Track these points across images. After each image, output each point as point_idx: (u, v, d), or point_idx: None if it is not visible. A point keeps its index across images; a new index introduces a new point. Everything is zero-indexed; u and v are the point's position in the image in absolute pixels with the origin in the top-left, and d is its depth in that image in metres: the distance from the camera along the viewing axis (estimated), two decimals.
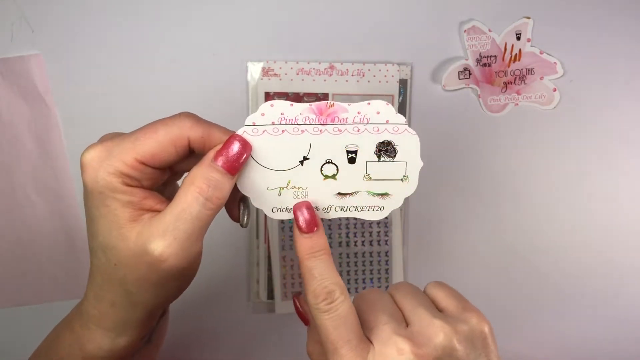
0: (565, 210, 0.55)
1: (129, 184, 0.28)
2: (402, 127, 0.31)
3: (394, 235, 0.53)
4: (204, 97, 0.49)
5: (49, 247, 0.50)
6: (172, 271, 0.28)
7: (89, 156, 0.28)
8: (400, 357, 0.28)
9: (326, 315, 0.29)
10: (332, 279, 0.29)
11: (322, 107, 0.30)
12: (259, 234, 0.52)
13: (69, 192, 0.50)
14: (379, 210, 0.33)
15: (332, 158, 0.31)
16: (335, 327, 0.28)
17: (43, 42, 0.48)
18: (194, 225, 0.28)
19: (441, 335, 0.28)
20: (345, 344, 0.28)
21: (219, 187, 0.28)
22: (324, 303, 0.29)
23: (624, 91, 0.53)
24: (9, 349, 0.52)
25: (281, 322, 0.54)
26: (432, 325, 0.29)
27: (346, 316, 0.29)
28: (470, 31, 0.51)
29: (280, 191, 0.31)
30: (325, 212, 0.32)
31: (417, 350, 0.28)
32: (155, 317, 0.33)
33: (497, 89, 0.52)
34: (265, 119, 0.30)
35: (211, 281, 0.53)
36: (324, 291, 0.29)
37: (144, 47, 0.49)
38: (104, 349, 0.31)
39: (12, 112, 0.48)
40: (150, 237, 0.28)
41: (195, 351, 0.54)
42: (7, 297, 0.51)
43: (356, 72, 0.50)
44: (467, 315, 0.30)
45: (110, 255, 0.29)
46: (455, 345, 0.28)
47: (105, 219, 0.28)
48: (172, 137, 0.28)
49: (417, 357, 0.27)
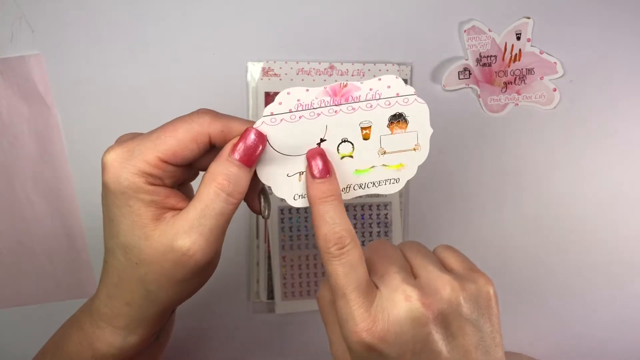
0: (565, 210, 0.55)
1: (153, 183, 0.29)
2: (412, 98, 0.32)
3: (394, 235, 0.53)
4: (204, 97, 0.49)
5: (49, 247, 0.50)
6: (198, 267, 0.29)
7: (111, 157, 0.28)
8: (406, 303, 0.28)
9: (336, 260, 0.29)
10: (343, 224, 0.30)
11: (336, 88, 0.31)
12: (259, 234, 0.52)
13: (69, 192, 0.50)
14: (395, 182, 0.33)
15: (348, 136, 0.32)
16: (346, 273, 0.29)
17: (43, 42, 0.48)
18: (217, 220, 0.29)
19: (448, 288, 0.29)
20: (355, 289, 0.29)
21: (239, 181, 0.29)
22: (335, 248, 0.29)
23: (624, 91, 0.53)
24: (9, 349, 0.52)
25: (281, 322, 0.54)
26: (441, 279, 0.29)
27: (356, 262, 0.29)
28: (470, 31, 0.51)
29: (300, 176, 0.32)
30: (345, 193, 0.33)
31: (424, 299, 0.28)
32: (167, 315, 0.33)
33: (497, 89, 0.52)
34: (282, 107, 0.30)
35: (211, 281, 0.52)
36: (335, 236, 0.29)
37: (144, 47, 0.49)
38: (115, 346, 0.31)
39: (12, 112, 0.48)
40: (176, 234, 0.28)
41: (195, 351, 0.54)
42: (7, 297, 0.51)
43: (356, 72, 0.50)
44: (474, 275, 0.31)
45: (131, 255, 0.29)
46: (461, 301, 0.29)
47: (128, 218, 0.29)
48: (192, 134, 0.29)
49: (423, 305, 0.28)
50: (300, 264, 0.53)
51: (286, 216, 0.52)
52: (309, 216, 0.52)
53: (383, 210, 0.53)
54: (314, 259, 0.53)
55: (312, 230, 0.52)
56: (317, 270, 0.53)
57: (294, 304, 0.53)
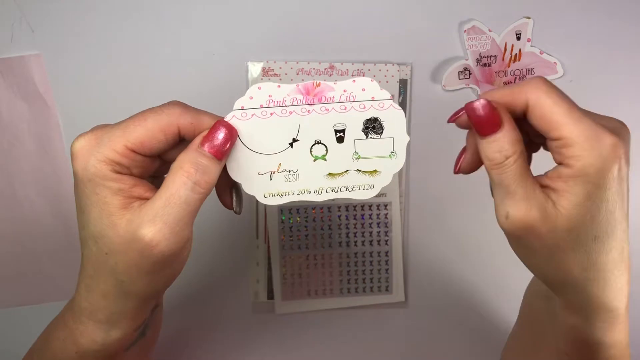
0: None
1: (119, 172, 0.29)
2: (388, 103, 0.31)
3: (394, 235, 0.53)
4: (204, 97, 0.49)
5: (49, 247, 0.50)
6: (163, 257, 0.28)
7: (79, 145, 0.29)
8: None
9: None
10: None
11: (309, 87, 0.31)
12: (259, 234, 0.52)
13: (69, 192, 0.50)
14: (369, 188, 0.32)
15: (321, 138, 0.31)
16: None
17: (43, 42, 0.48)
18: (183, 209, 0.28)
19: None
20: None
21: (207, 171, 0.29)
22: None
23: (624, 91, 0.53)
24: (9, 349, 0.52)
25: (281, 322, 0.54)
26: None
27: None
28: (470, 31, 0.51)
29: (271, 175, 0.31)
30: (317, 195, 0.32)
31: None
32: (147, 308, 0.32)
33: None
34: (253, 102, 0.30)
35: (211, 281, 0.53)
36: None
37: (144, 47, 0.49)
38: (98, 342, 0.31)
39: (12, 112, 0.48)
40: (140, 223, 0.28)
41: (195, 351, 0.54)
42: (7, 297, 0.51)
43: (356, 72, 0.50)
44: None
45: (101, 244, 0.29)
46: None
47: (96, 207, 0.29)
48: (161, 124, 0.29)
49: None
50: (300, 264, 0.53)
51: (286, 216, 0.52)
52: (309, 216, 0.52)
53: (383, 210, 0.53)
54: (314, 259, 0.53)
55: (312, 230, 0.52)
56: (317, 271, 0.53)
57: (294, 304, 0.53)
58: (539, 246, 0.29)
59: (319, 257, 0.53)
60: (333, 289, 0.53)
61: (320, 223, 0.52)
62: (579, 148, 0.27)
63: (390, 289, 0.54)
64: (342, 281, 0.53)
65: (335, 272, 0.53)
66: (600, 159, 0.27)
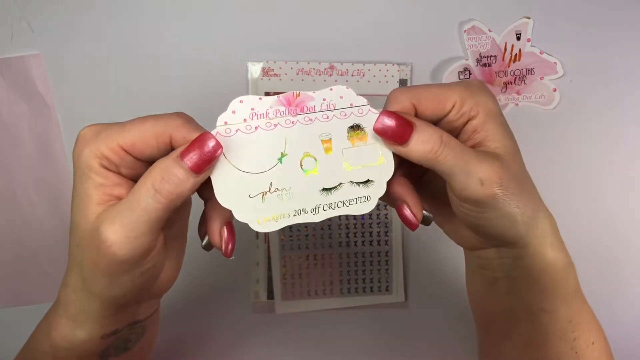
0: (564, 209, 0.55)
1: (106, 167, 0.29)
2: (366, 109, 0.31)
3: (394, 235, 0.53)
4: (204, 97, 0.49)
5: (49, 247, 0.50)
6: (116, 259, 0.28)
7: (83, 132, 0.29)
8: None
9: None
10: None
11: (290, 98, 0.30)
12: (259, 234, 0.52)
13: (68, 192, 0.50)
14: (366, 200, 0.31)
15: (310, 150, 0.31)
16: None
17: (43, 42, 0.48)
18: (140, 216, 0.27)
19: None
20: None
21: (176, 182, 0.28)
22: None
23: (624, 91, 0.53)
24: (9, 349, 0.52)
25: (281, 322, 0.54)
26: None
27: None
28: (470, 31, 0.51)
29: (263, 197, 0.30)
30: (315, 214, 0.31)
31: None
32: (115, 317, 0.31)
33: (497, 89, 0.52)
34: (236, 116, 0.30)
35: (211, 281, 0.53)
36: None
37: (144, 47, 0.49)
38: (66, 339, 0.31)
39: (12, 112, 0.48)
40: (103, 220, 0.28)
41: (195, 351, 0.54)
42: (7, 297, 0.51)
43: (356, 72, 0.50)
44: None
45: (75, 235, 0.29)
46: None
47: (78, 197, 0.29)
48: (155, 130, 0.29)
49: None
50: (300, 264, 0.53)
51: None
52: None
53: (383, 210, 0.53)
54: (314, 259, 0.53)
55: (312, 230, 0.52)
56: (317, 271, 0.53)
57: (294, 304, 0.53)
58: (508, 194, 0.31)
59: (319, 257, 0.53)
60: (333, 289, 0.53)
61: (320, 223, 0.52)
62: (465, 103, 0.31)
63: (390, 289, 0.54)
64: (342, 281, 0.53)
65: (335, 272, 0.53)
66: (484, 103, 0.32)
